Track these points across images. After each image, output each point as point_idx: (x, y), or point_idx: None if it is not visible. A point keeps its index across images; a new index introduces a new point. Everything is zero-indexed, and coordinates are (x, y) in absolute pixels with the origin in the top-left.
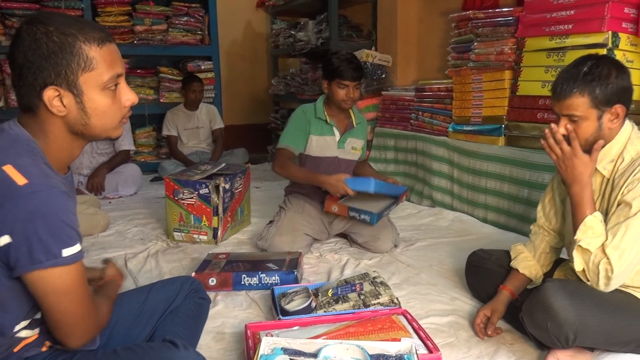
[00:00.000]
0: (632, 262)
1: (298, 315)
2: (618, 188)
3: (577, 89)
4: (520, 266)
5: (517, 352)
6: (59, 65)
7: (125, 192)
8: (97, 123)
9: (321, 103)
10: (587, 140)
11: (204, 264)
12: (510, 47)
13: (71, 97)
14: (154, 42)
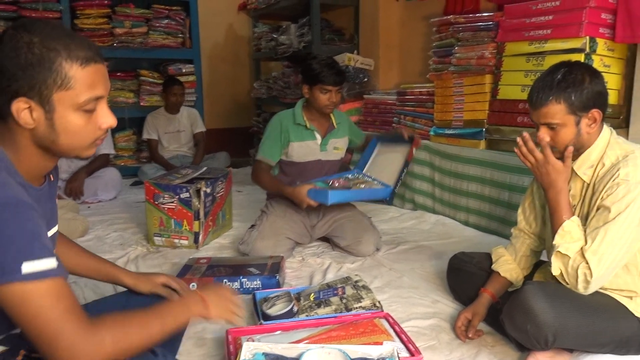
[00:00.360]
0: (611, 266)
1: (280, 320)
2: (598, 193)
3: (553, 96)
4: (502, 269)
5: (498, 354)
6: (34, 79)
7: (104, 196)
8: (65, 142)
9: (300, 108)
10: (566, 147)
11: (185, 269)
12: (491, 52)
13: (41, 112)
14: (134, 45)
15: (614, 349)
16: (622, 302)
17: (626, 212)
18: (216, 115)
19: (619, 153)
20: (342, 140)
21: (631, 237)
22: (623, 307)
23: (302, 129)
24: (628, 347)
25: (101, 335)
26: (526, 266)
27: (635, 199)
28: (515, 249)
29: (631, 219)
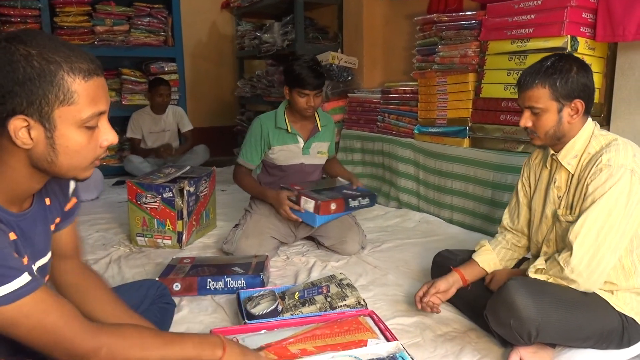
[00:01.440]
0: (595, 248)
1: (264, 319)
2: (583, 180)
3: (539, 80)
4: (480, 258)
5: (481, 350)
6: (33, 94)
7: (86, 196)
8: (65, 162)
9: (282, 110)
10: (547, 133)
11: (168, 269)
12: (474, 50)
13: (41, 131)
14: (115, 43)
15: (596, 343)
16: (604, 297)
17: (608, 194)
18: (199, 114)
19: (603, 142)
20: (325, 145)
21: (618, 221)
22: (604, 302)
23: (284, 132)
24: (609, 341)
25: (100, 342)
26: (505, 258)
27: (618, 182)
28: (496, 241)
29: (615, 201)
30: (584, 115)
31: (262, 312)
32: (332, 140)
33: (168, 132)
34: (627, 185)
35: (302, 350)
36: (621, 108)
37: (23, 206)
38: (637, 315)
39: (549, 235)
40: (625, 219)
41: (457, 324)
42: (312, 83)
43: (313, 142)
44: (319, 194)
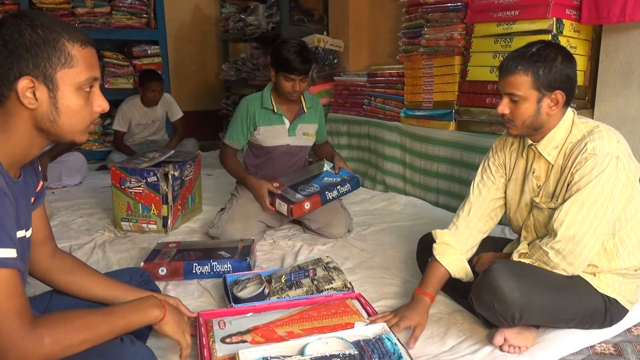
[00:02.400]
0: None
1: (251, 303)
2: (567, 169)
3: (522, 66)
4: (445, 260)
5: (466, 331)
6: (39, 57)
7: (69, 181)
8: (65, 122)
9: (269, 91)
10: (524, 122)
11: (154, 254)
12: (460, 33)
13: (45, 91)
14: (96, 25)
15: (579, 324)
16: (587, 278)
17: (594, 183)
18: (184, 98)
19: (584, 130)
20: (312, 126)
21: (603, 209)
22: (587, 284)
23: (270, 113)
24: (592, 322)
25: (40, 334)
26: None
27: (604, 170)
28: (458, 232)
29: (600, 189)
30: (564, 106)
31: (249, 295)
32: (320, 122)
33: (157, 122)
34: (612, 172)
35: (289, 333)
36: (605, 91)
37: (15, 175)
38: (619, 295)
39: (527, 222)
40: (610, 206)
41: (442, 305)
42: (298, 68)
43: (299, 124)
44: (296, 189)
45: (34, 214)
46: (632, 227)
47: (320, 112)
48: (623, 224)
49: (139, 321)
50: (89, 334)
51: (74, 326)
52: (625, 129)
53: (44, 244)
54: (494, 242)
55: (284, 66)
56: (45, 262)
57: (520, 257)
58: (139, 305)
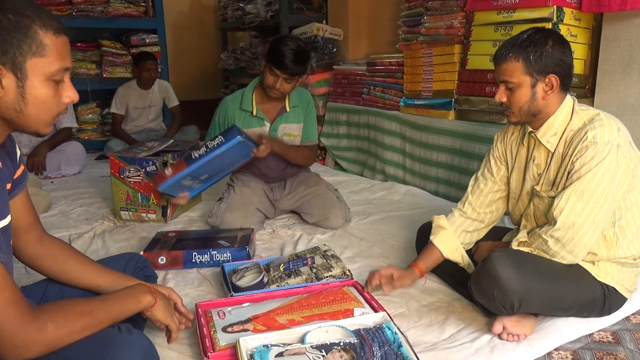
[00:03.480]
0: (580, 221)
1: (250, 291)
2: (568, 157)
3: (513, 53)
4: (442, 246)
5: (465, 320)
6: (8, 44)
7: (68, 171)
8: (32, 113)
9: (250, 90)
10: (521, 109)
11: (153, 243)
12: (460, 21)
13: (12, 80)
14: (94, 14)
15: (578, 312)
16: (586, 267)
17: (594, 171)
18: (182, 87)
19: (585, 118)
20: (295, 126)
21: (603, 197)
22: (586, 272)
23: (249, 115)
24: (591, 310)
25: (43, 321)
26: (466, 242)
27: (605, 158)
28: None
29: (600, 177)
30: (562, 91)
31: (248, 284)
32: (309, 122)
33: (154, 107)
34: (613, 160)
35: (290, 321)
36: (606, 79)
37: None
38: (617, 284)
39: (527, 210)
40: (610, 194)
41: (441, 294)
42: (287, 66)
43: (280, 124)
44: None
45: (15, 200)
46: (633, 216)
47: (310, 111)
48: (623, 212)
49: (134, 307)
50: (89, 319)
51: (74, 312)
52: (626, 118)
53: (29, 231)
54: (493, 230)
55: (275, 60)
56: (32, 248)
57: (520, 245)
58: (132, 292)
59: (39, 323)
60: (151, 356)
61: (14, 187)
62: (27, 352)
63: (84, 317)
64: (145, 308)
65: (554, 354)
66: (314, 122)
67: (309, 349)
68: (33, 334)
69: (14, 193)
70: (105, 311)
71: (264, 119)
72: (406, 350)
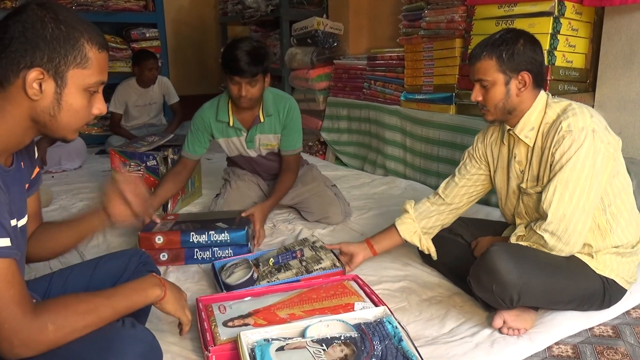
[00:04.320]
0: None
1: (241, 289)
2: (547, 150)
3: (486, 52)
4: (401, 227)
5: (466, 314)
6: (55, 52)
7: (69, 165)
8: (64, 119)
9: (226, 98)
10: (496, 107)
11: (152, 224)
12: (461, 15)
13: (52, 86)
14: (94, 8)
15: (578, 306)
16: (584, 260)
17: (574, 158)
18: (183, 82)
19: (558, 109)
20: (272, 137)
21: (589, 183)
22: (585, 266)
23: (225, 125)
24: (591, 303)
25: (43, 321)
26: (428, 226)
27: (582, 144)
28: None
29: (582, 164)
30: (535, 88)
31: (238, 281)
32: (289, 131)
33: (154, 104)
34: (591, 146)
35: (291, 315)
36: (607, 74)
37: (7, 162)
38: (617, 276)
39: (518, 209)
40: (594, 179)
41: (442, 288)
42: (243, 69)
43: (255, 135)
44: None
45: (29, 199)
46: (622, 202)
47: (290, 120)
48: (612, 199)
49: (142, 301)
50: (92, 317)
51: (77, 311)
52: (627, 112)
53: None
54: (492, 225)
55: (229, 66)
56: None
57: (518, 239)
58: (140, 285)
59: (39, 323)
60: (154, 351)
61: (30, 187)
62: (26, 351)
63: (88, 316)
64: (153, 302)
65: (554, 348)
66: (295, 131)
67: (309, 343)
68: (32, 333)
69: (29, 193)
70: (110, 308)
71: (241, 129)
72: (407, 344)
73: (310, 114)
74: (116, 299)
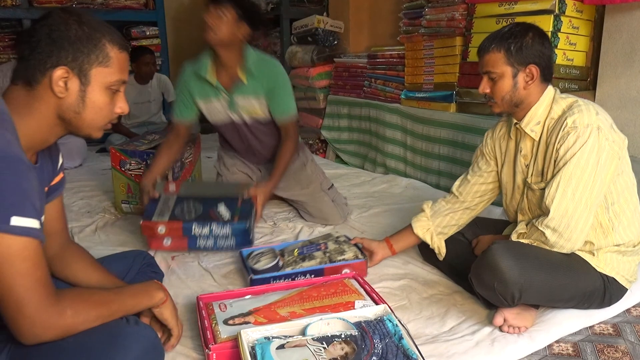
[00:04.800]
0: (572, 207)
1: (267, 274)
2: (552, 145)
3: (495, 45)
4: (416, 225)
5: (466, 312)
6: (79, 52)
7: (69, 164)
8: (89, 116)
9: (208, 56)
10: (503, 99)
11: (151, 206)
12: (461, 13)
13: (77, 84)
14: (94, 6)
15: (578, 304)
16: (585, 258)
17: (578, 154)
18: None
19: (564, 105)
20: (255, 102)
21: (592, 180)
22: (586, 263)
23: (206, 84)
24: (591, 301)
25: (63, 306)
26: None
27: (587, 141)
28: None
29: (586, 160)
30: (543, 82)
31: (265, 267)
32: (276, 96)
33: (153, 102)
34: (595, 143)
35: (291, 313)
36: (607, 72)
37: (32, 160)
38: (617, 274)
39: (522, 205)
40: (597, 176)
41: (442, 286)
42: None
43: (236, 97)
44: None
45: (51, 205)
46: (625, 200)
47: (276, 82)
48: (615, 197)
49: (147, 302)
50: (104, 309)
51: (91, 301)
52: (627, 110)
53: (54, 237)
54: (493, 224)
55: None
56: (50, 251)
57: (519, 237)
58: (146, 288)
59: (59, 307)
60: (156, 347)
61: (50, 192)
62: (44, 334)
63: (100, 307)
64: (157, 304)
65: (554, 346)
66: (284, 95)
67: (310, 341)
68: (53, 316)
69: (49, 198)
70: (119, 303)
71: (221, 88)
72: (407, 342)
73: (311, 112)
74: (125, 296)
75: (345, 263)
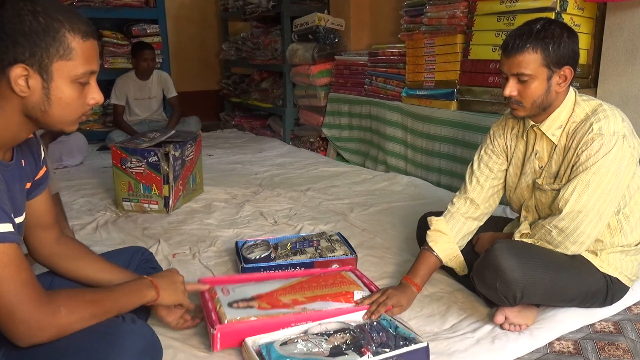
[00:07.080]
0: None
1: (259, 264)
2: (572, 150)
3: (531, 44)
4: (438, 248)
5: (467, 310)
6: (36, 46)
7: (70, 162)
8: (56, 113)
9: None
10: (534, 102)
11: None
12: (462, 11)
13: (38, 81)
14: (95, 4)
15: (580, 303)
16: (588, 258)
17: (600, 162)
18: (184, 78)
19: (587, 109)
20: None
21: (609, 188)
22: (589, 263)
23: None
24: (593, 301)
25: (56, 305)
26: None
27: (611, 150)
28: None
29: (606, 169)
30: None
31: (257, 257)
32: None
33: (154, 98)
34: (619, 152)
35: (294, 300)
36: (609, 69)
37: (5, 157)
38: (620, 274)
39: (528, 202)
40: (615, 185)
41: (443, 284)
42: None
43: None
44: None
45: (38, 199)
46: (636, 203)
47: None
48: (627, 200)
49: (138, 301)
50: (98, 308)
51: (85, 300)
52: (629, 108)
53: (47, 231)
54: (494, 221)
55: None
56: (47, 248)
57: (522, 237)
58: (138, 287)
59: (53, 307)
60: (154, 345)
61: (34, 187)
62: (40, 334)
63: (94, 306)
64: (149, 302)
65: (555, 343)
66: None
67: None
68: (47, 316)
69: (34, 193)
70: (113, 301)
71: None
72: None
73: (312, 110)
74: (118, 295)
75: (334, 258)
